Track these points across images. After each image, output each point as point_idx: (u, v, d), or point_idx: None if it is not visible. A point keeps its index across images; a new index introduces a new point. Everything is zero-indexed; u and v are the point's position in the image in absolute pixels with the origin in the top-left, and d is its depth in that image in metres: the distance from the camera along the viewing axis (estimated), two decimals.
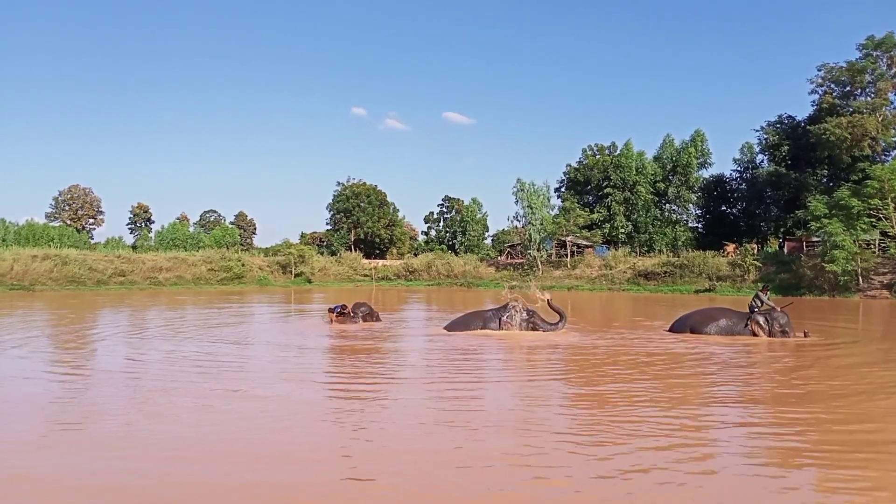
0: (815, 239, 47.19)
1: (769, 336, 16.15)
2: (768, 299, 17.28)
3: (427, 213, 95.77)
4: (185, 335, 16.29)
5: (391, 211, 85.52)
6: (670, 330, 17.50)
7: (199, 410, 8.04)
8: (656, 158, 66.56)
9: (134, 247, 74.17)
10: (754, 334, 16.24)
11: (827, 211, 43.37)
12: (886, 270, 42.07)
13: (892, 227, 41.11)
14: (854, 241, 40.92)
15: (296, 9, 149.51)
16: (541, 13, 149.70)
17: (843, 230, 41.23)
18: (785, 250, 53.66)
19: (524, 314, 17.54)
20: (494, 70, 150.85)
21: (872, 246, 43.51)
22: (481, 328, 17.09)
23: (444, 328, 17.73)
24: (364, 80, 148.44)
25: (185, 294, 40.40)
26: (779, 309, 16.92)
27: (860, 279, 40.81)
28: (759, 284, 37.19)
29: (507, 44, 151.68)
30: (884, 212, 41.30)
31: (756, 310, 16.84)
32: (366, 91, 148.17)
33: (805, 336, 16.33)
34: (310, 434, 6.92)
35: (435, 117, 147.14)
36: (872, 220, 41.80)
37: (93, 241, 78.18)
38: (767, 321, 16.42)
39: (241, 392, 9.17)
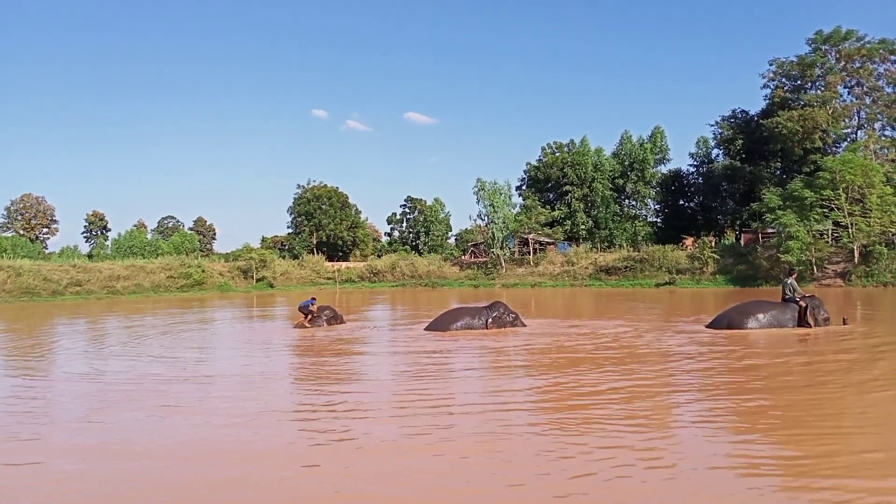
0: (770, 230, 48.21)
1: (815, 325, 15.45)
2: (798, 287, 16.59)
3: (390, 214, 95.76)
4: (135, 351, 15.91)
5: (353, 213, 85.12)
6: (710, 326, 16.38)
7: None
8: (615, 155, 67.40)
9: (90, 256, 72.53)
10: (808, 325, 15.40)
11: (781, 203, 44.40)
12: (839, 259, 43.15)
13: (844, 216, 42.14)
14: (808, 231, 41.89)
15: (254, 11, 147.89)
16: (500, 12, 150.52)
17: (797, 221, 42.23)
18: (741, 242, 54.73)
19: (513, 314, 17.66)
20: (456, 69, 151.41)
21: (825, 236, 44.56)
22: (464, 327, 16.93)
23: (426, 329, 17.45)
24: (324, 81, 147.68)
25: (143, 302, 39.59)
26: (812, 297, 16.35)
27: (815, 269, 41.77)
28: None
29: (467, 43, 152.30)
30: (836, 202, 42.33)
31: (798, 298, 16.03)
32: (326, 93, 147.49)
33: (844, 324, 15.97)
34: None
35: (397, 118, 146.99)
36: (825, 210, 42.82)
37: (47, 251, 76.25)
38: (812, 311, 15.70)
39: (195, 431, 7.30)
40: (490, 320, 17.14)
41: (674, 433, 6.93)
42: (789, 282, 16.50)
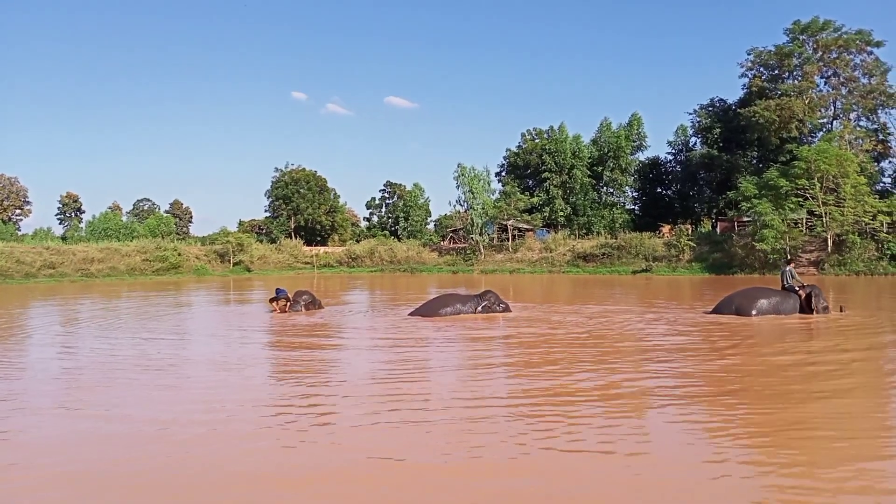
0: (745, 219, 48.68)
1: (816, 313, 15.75)
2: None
3: (369, 199, 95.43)
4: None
5: (332, 197, 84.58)
6: (715, 312, 16.59)
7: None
8: (594, 142, 67.51)
9: (64, 238, 71.49)
10: (810, 312, 15.74)
11: (757, 191, 44.85)
12: (813, 248, 43.73)
13: (819, 206, 42.68)
14: (782, 220, 42.35)
15: None
16: None
17: (772, 210, 42.68)
18: (717, 230, 55.18)
19: (503, 304, 17.74)
20: (437, 54, 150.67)
21: (800, 225, 45.07)
22: (453, 313, 16.91)
23: (412, 313, 17.36)
24: (304, 64, 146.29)
25: (118, 286, 39.16)
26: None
27: (788, 257, 42.29)
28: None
29: (449, 27, 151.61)
30: (810, 191, 42.83)
31: (797, 287, 16.36)
32: (306, 75, 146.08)
33: (841, 311, 16.31)
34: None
35: (377, 102, 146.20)
36: (800, 199, 43.32)
37: (20, 233, 75.03)
38: (813, 299, 15.98)
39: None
40: (480, 308, 17.18)
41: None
42: (788, 269, 16.73)
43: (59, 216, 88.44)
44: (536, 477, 5.14)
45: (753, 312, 15.70)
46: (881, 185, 54.04)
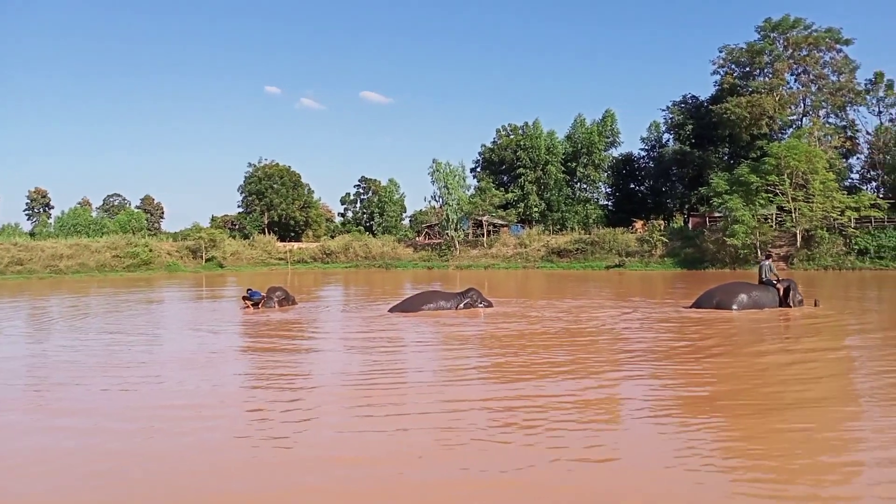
0: (717, 214, 49.22)
1: (792, 306, 16.14)
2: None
3: (343, 195, 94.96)
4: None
5: (306, 192, 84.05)
6: (695, 306, 16.74)
7: None
8: (568, 138, 67.76)
9: (32, 234, 70.36)
10: (787, 305, 16.12)
11: (728, 187, 45.39)
12: (783, 243, 44.37)
13: (788, 201, 43.27)
14: (753, 215, 42.90)
15: None
16: None
17: (743, 205, 43.24)
18: (690, 226, 55.76)
19: (486, 302, 17.76)
20: (412, 48, 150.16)
21: (770, 220, 45.64)
22: (435, 308, 16.91)
23: (392, 310, 17.19)
24: (278, 58, 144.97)
25: (87, 283, 38.51)
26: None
27: (759, 252, 42.85)
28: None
29: (424, 23, 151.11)
30: (780, 187, 43.42)
31: (775, 280, 16.72)
32: (280, 70, 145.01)
33: (816, 305, 16.65)
34: None
35: (352, 97, 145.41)
36: (770, 195, 43.91)
37: None
38: (791, 291, 16.38)
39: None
40: (462, 305, 17.16)
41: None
42: (766, 264, 17.12)
43: (27, 212, 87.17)
44: (515, 487, 5.10)
45: (734, 307, 15.92)
46: (849, 181, 54.92)
